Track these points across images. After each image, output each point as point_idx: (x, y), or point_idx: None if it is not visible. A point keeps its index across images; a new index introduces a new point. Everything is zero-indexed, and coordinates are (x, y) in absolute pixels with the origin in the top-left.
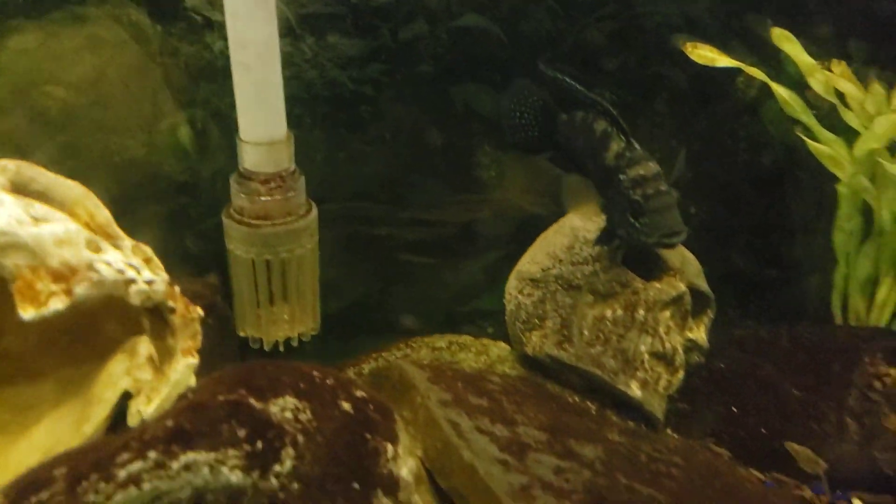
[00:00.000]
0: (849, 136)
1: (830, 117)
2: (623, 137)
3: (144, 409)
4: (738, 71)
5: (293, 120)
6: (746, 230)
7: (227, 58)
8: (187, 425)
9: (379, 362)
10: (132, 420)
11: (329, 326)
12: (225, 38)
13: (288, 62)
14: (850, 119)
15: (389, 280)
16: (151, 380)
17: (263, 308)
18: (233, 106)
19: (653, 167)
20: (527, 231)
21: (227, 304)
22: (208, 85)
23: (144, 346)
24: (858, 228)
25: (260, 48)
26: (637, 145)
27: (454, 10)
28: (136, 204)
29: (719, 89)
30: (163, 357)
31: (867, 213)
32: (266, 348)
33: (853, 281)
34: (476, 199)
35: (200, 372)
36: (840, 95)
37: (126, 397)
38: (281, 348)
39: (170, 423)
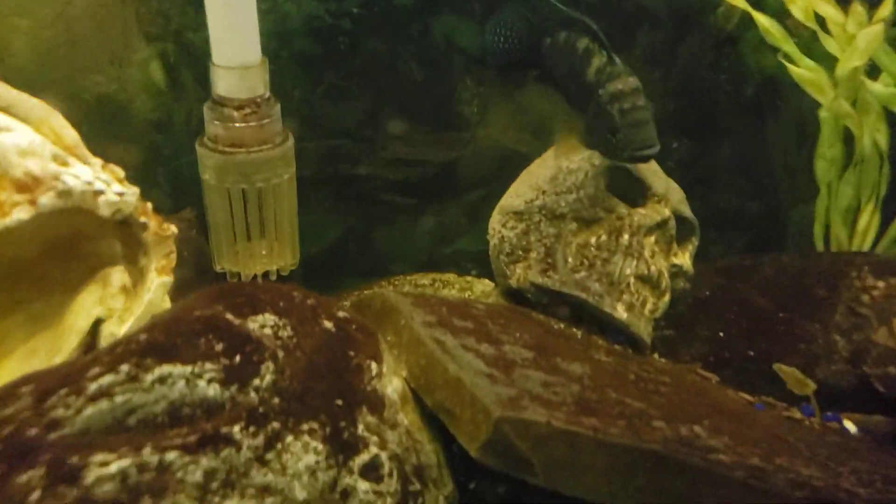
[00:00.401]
0: (829, 63)
1: (811, 46)
2: (605, 53)
3: (117, 330)
4: (718, 1)
5: (269, 55)
6: (729, 163)
7: None
8: (161, 339)
9: (361, 297)
10: (104, 342)
11: (310, 268)
12: None
13: None
14: (831, 45)
15: (370, 221)
16: (124, 305)
17: (240, 241)
18: (207, 40)
19: (631, 82)
20: (510, 169)
21: (204, 238)
22: (180, 17)
23: (118, 274)
24: (840, 156)
25: None
26: (618, 60)
27: None
28: (107, 142)
29: (700, 19)
30: (136, 277)
31: (848, 141)
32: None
33: (835, 210)
34: (458, 137)
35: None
36: (821, 22)
37: (99, 330)
38: (260, 282)
39: (143, 336)
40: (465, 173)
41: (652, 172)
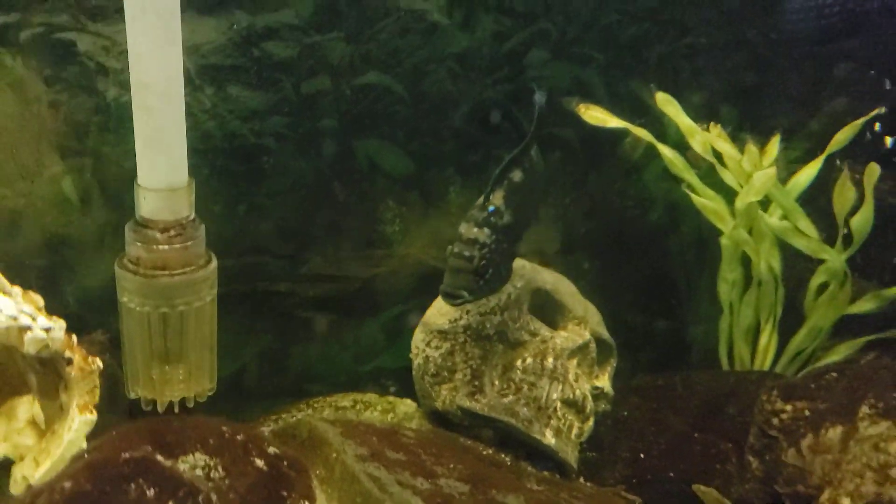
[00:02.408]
0: (726, 193)
1: (708, 176)
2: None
3: (31, 474)
4: (625, 132)
5: (190, 171)
6: (636, 283)
7: (121, 104)
8: (88, 486)
9: (279, 423)
10: (15, 488)
11: (225, 388)
12: (119, 84)
13: (186, 112)
14: (727, 177)
15: (288, 339)
16: (36, 444)
17: (158, 366)
18: (126, 154)
19: (472, 231)
20: (430, 286)
21: (116, 362)
22: (99, 133)
23: (24, 407)
24: (740, 279)
25: (163, 89)
26: (491, 205)
27: (357, 66)
28: (12, 258)
29: (608, 149)
30: (54, 415)
31: (747, 264)
32: (160, 410)
33: (737, 329)
34: (379, 255)
35: (90, 436)
36: (717, 156)
37: (8, 464)
38: (176, 409)
39: (67, 484)
40: (385, 289)
41: (570, 295)
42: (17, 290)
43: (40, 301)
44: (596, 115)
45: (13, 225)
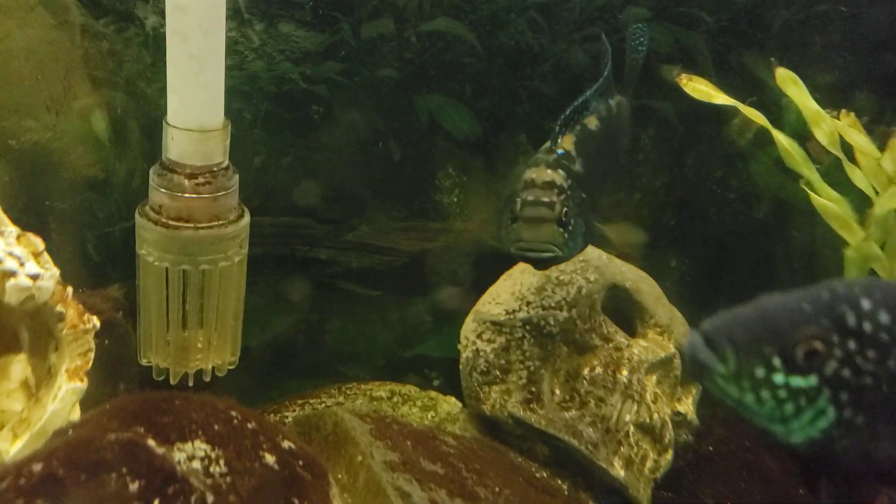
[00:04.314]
0: (854, 196)
1: (832, 174)
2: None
3: (6, 447)
4: (734, 112)
5: (230, 115)
6: (732, 292)
7: (160, 35)
8: (61, 471)
9: (306, 409)
10: None
11: (249, 362)
12: (160, 13)
13: (231, 49)
14: (857, 177)
15: (325, 313)
16: (22, 410)
17: (174, 331)
18: (162, 91)
19: (548, 174)
20: (488, 268)
21: (131, 324)
22: (134, 64)
23: (19, 366)
24: None
25: (202, 14)
26: (559, 149)
27: (426, 11)
28: (31, 197)
29: (711, 130)
30: (41, 375)
31: None
32: (172, 381)
33: None
34: (433, 228)
35: (88, 405)
36: (847, 150)
37: None
38: (190, 382)
39: (38, 467)
40: (437, 267)
41: (654, 297)
42: (13, 229)
43: (39, 245)
44: (700, 89)
45: (36, 160)
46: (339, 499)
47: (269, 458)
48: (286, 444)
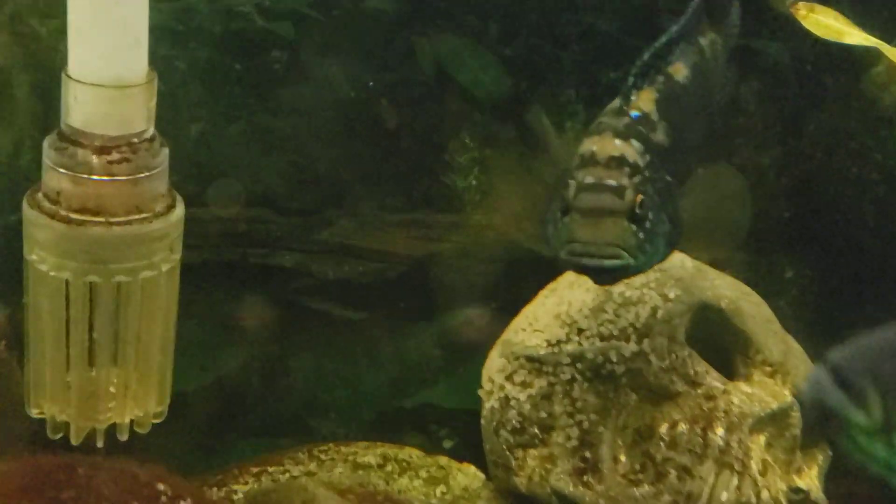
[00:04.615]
0: None
1: None
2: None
3: None
4: (875, 55)
5: (157, 65)
6: (876, 314)
7: None
8: None
9: (263, 481)
10: None
11: (183, 414)
12: None
13: None
14: None
15: (289, 344)
16: None
17: (77, 370)
18: (63, 31)
19: (616, 146)
20: (521, 282)
21: (16, 359)
22: None
23: None
24: None
25: None
26: (634, 110)
27: None
28: None
29: (843, 82)
30: None
31: None
32: (74, 441)
33: None
34: (442, 222)
35: None
36: None
37: None
38: (99, 443)
39: None
40: (449, 278)
41: (762, 322)
42: None
43: None
44: (825, 23)
45: None
46: None
47: None
48: None
